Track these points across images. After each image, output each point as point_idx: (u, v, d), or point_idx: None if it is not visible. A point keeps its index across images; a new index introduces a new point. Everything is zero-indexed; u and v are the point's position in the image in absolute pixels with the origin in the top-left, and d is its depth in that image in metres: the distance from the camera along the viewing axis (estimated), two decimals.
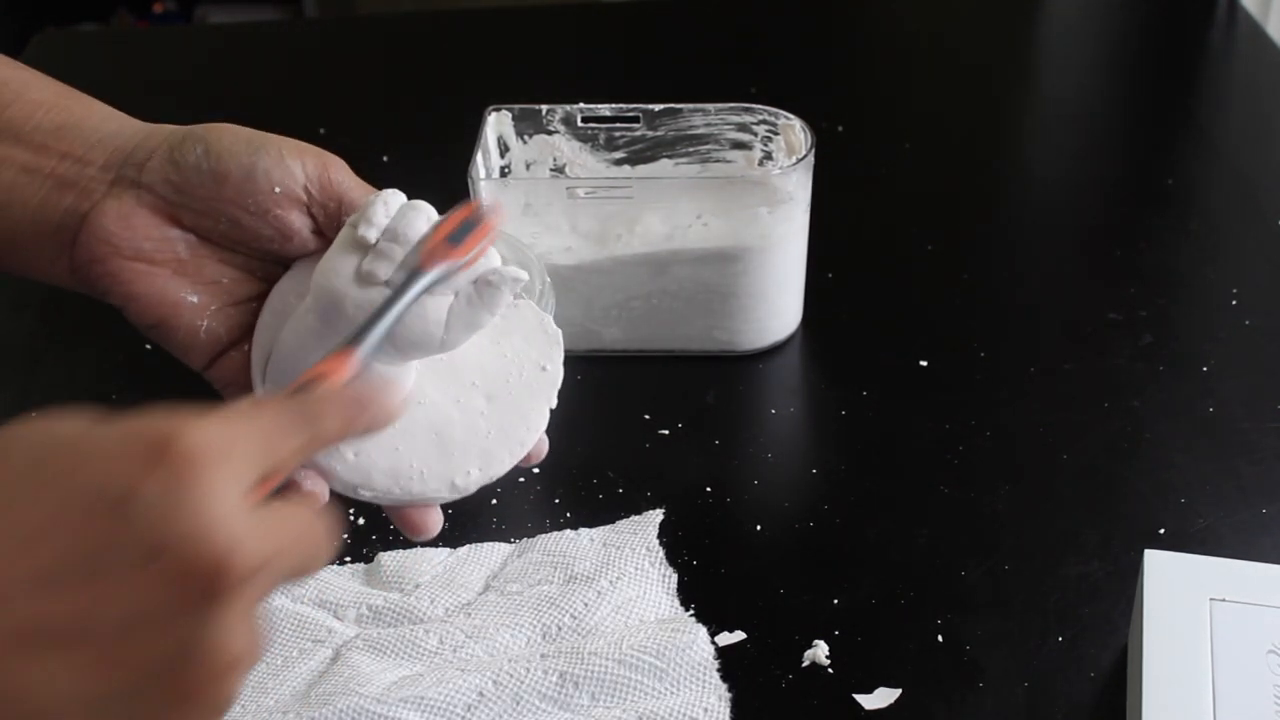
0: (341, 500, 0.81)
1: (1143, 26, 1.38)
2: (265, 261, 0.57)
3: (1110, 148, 1.19)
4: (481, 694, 0.66)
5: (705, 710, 0.66)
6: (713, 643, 0.69)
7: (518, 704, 0.66)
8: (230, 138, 0.55)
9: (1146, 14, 1.40)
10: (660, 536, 0.77)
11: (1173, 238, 1.03)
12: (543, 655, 0.68)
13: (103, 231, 0.54)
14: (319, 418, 0.44)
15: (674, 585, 0.74)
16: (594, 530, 0.77)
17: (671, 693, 0.66)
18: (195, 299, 0.56)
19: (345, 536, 0.78)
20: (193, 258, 0.56)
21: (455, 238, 0.53)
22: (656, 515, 0.78)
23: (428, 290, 0.53)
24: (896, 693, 0.67)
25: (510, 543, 0.77)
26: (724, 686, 0.67)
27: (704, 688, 0.67)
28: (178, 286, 0.55)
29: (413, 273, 0.52)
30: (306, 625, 0.71)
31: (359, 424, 0.45)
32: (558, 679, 0.66)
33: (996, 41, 1.36)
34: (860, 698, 0.67)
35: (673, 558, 0.75)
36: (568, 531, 0.77)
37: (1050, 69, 1.35)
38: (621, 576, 0.73)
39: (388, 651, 0.69)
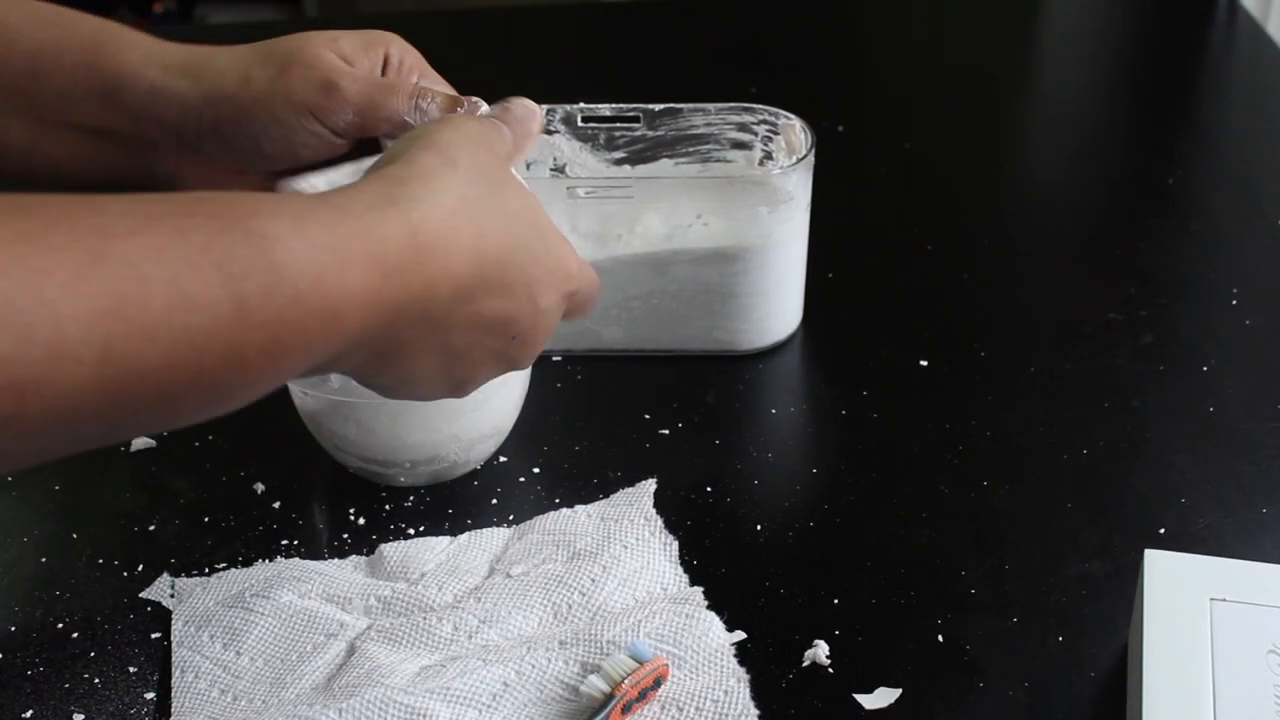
0: (339, 499, 0.82)
1: (1143, 26, 1.38)
2: None
3: (1110, 148, 1.19)
4: (505, 684, 0.66)
5: (726, 692, 0.66)
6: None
7: (541, 692, 0.67)
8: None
9: (1146, 14, 1.40)
10: None
11: (1173, 238, 1.03)
12: (561, 643, 0.68)
13: None
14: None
15: (675, 552, 0.75)
16: (590, 506, 0.78)
17: (690, 678, 0.67)
18: None
19: (345, 536, 0.78)
20: None
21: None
22: (650, 485, 0.79)
23: None
24: (897, 693, 0.67)
25: (508, 525, 0.78)
26: (742, 670, 0.68)
27: (722, 672, 0.68)
28: None
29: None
30: (317, 620, 0.72)
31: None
32: (579, 669, 0.67)
33: (996, 41, 1.36)
34: (860, 697, 0.67)
35: None
36: (564, 509, 0.78)
37: (1050, 69, 1.35)
38: (625, 548, 0.74)
39: (403, 641, 0.69)
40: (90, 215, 0.42)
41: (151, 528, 0.79)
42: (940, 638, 0.70)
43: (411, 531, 0.78)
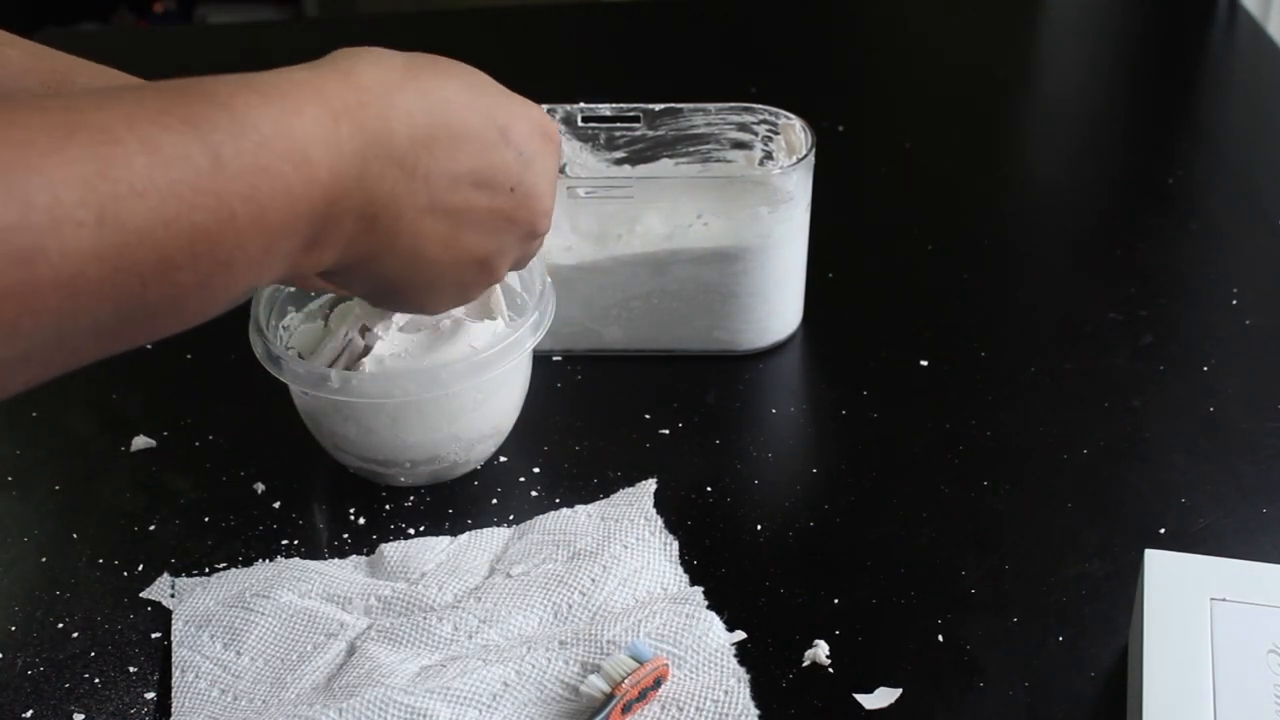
0: (339, 499, 0.82)
1: (1143, 26, 1.38)
2: None
3: (1110, 148, 1.19)
4: (506, 684, 0.67)
5: (726, 692, 0.66)
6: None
7: (541, 692, 0.67)
8: None
9: (1146, 14, 1.40)
10: None
11: (1173, 238, 1.03)
12: (561, 643, 0.69)
13: None
14: None
15: (675, 552, 0.75)
16: (590, 505, 0.78)
17: (690, 677, 0.67)
18: None
19: (345, 536, 0.78)
20: None
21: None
22: (650, 485, 0.79)
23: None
24: (897, 692, 0.67)
25: (508, 525, 0.78)
26: (742, 670, 0.68)
27: (722, 672, 0.68)
28: None
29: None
30: (317, 620, 0.72)
31: None
32: (579, 669, 0.67)
33: (996, 41, 1.36)
34: (860, 697, 0.67)
35: None
36: (564, 509, 0.78)
37: (1050, 69, 1.35)
38: (625, 548, 0.74)
39: (403, 641, 0.69)
40: (51, 99, 0.43)
41: (151, 528, 0.79)
42: (940, 638, 0.70)
43: (411, 531, 0.78)
